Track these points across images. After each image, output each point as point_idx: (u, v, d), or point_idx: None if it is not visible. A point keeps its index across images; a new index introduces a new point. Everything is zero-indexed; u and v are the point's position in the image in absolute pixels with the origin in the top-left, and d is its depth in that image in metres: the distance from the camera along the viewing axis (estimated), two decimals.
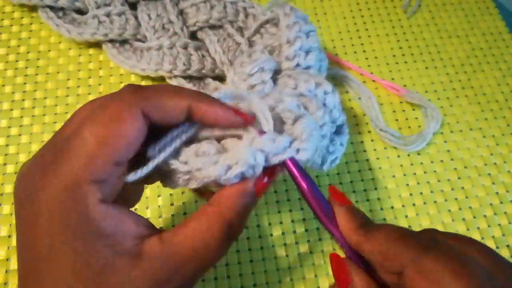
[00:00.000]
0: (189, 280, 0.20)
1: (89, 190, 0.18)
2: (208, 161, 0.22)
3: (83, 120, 0.20)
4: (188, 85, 0.36)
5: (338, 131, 0.32)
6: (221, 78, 0.38)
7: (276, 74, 0.33)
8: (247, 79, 0.31)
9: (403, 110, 0.38)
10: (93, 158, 0.18)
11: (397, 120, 0.38)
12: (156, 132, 0.22)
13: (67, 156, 0.19)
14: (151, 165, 0.21)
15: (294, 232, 0.33)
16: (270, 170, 0.23)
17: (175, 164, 0.22)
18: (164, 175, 0.23)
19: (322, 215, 0.23)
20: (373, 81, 0.40)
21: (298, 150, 0.23)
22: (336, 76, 0.39)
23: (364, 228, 0.21)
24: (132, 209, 0.22)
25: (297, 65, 0.33)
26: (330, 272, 0.31)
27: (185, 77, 0.37)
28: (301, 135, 0.24)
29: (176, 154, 0.22)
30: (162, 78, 0.38)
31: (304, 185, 0.23)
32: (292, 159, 0.23)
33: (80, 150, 0.19)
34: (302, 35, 0.33)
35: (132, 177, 0.21)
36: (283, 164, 0.23)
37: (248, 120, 0.23)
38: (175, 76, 0.37)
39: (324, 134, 0.28)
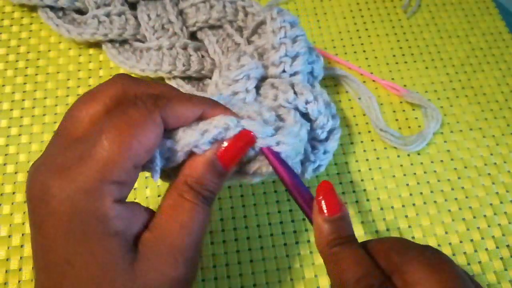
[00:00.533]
0: (187, 254, 0.21)
1: (106, 192, 0.19)
2: (188, 129, 0.22)
3: (100, 122, 0.20)
4: (187, 86, 0.36)
5: (328, 136, 0.32)
6: None
7: (261, 80, 0.33)
8: (231, 84, 0.31)
9: (403, 110, 0.38)
10: (114, 162, 0.19)
11: (397, 120, 0.38)
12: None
13: (85, 160, 0.19)
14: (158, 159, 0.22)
15: (294, 232, 0.33)
16: (235, 142, 0.23)
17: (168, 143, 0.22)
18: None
19: (305, 206, 0.24)
20: (373, 81, 0.40)
21: (278, 143, 0.24)
22: (336, 76, 0.39)
23: (333, 247, 0.22)
24: None
25: (283, 71, 0.32)
26: None
27: (184, 78, 0.37)
28: (281, 132, 0.25)
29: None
30: (161, 79, 0.38)
31: (285, 175, 0.24)
32: (273, 151, 0.24)
33: (100, 155, 0.19)
34: (287, 41, 0.32)
35: (157, 177, 0.22)
36: (263, 152, 0.24)
37: None
38: (174, 77, 0.37)
39: (298, 149, 0.28)
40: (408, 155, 0.36)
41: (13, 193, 0.33)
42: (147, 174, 0.24)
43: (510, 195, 0.35)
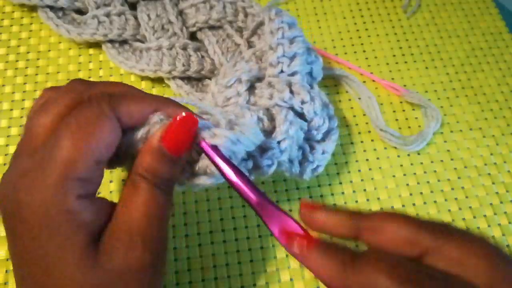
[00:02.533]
0: (147, 240, 0.21)
1: (69, 188, 0.20)
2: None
3: (56, 128, 0.20)
4: (186, 87, 0.36)
5: (325, 137, 0.32)
6: None
7: (259, 80, 0.33)
8: (224, 91, 0.31)
9: (403, 110, 0.38)
10: (74, 161, 0.20)
11: (397, 120, 0.38)
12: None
13: (46, 162, 0.20)
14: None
15: None
16: (176, 125, 0.22)
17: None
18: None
19: (253, 205, 0.22)
20: (373, 81, 0.40)
21: (213, 135, 0.23)
22: (336, 76, 0.39)
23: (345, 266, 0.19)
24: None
25: (281, 71, 0.32)
26: None
27: (183, 78, 0.37)
28: (236, 127, 0.24)
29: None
30: (161, 79, 0.38)
31: (224, 170, 0.22)
32: (212, 146, 0.23)
33: (60, 155, 0.20)
34: (284, 41, 0.32)
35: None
36: (200, 147, 0.23)
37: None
38: (174, 77, 0.37)
39: (284, 148, 0.28)
40: (408, 155, 0.36)
41: None
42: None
43: (510, 195, 0.35)
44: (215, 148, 0.23)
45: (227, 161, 0.23)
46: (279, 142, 0.28)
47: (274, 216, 0.22)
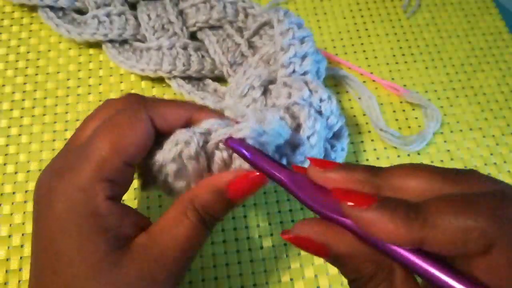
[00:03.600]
0: (174, 267, 0.21)
1: (100, 188, 0.21)
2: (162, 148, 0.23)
3: (95, 129, 0.22)
4: (188, 86, 0.36)
5: (337, 135, 0.32)
6: (220, 79, 0.38)
7: (271, 83, 0.33)
8: (240, 101, 0.32)
9: (403, 110, 0.38)
10: (106, 160, 0.21)
11: (397, 120, 0.38)
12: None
13: (81, 161, 0.21)
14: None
15: None
16: (249, 177, 0.22)
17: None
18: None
19: (291, 188, 0.20)
20: (373, 81, 0.40)
21: (239, 129, 0.22)
22: (336, 76, 0.39)
23: (412, 216, 0.16)
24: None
25: (293, 71, 0.32)
26: (331, 272, 0.31)
27: (184, 78, 0.37)
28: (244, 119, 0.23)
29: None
30: (161, 79, 0.38)
31: (256, 161, 0.21)
32: (236, 141, 0.22)
33: (94, 154, 0.21)
34: (295, 42, 0.33)
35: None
36: (226, 144, 0.22)
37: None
38: (174, 77, 0.37)
39: (314, 143, 0.28)
40: (408, 155, 0.36)
41: (13, 193, 0.33)
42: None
43: None
44: (242, 142, 0.22)
45: (258, 151, 0.21)
46: (308, 138, 0.28)
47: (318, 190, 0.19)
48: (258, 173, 0.22)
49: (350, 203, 0.17)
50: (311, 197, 0.19)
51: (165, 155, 0.23)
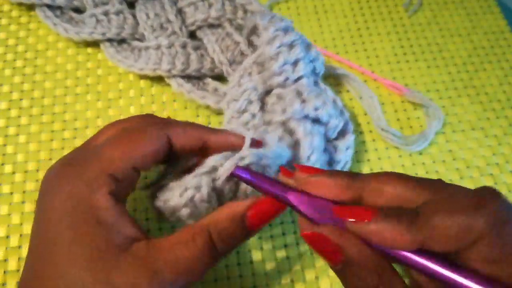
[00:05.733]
0: (166, 286, 0.20)
1: (103, 182, 0.21)
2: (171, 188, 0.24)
3: (112, 135, 0.24)
4: (187, 85, 0.36)
5: (342, 132, 0.32)
6: (220, 78, 0.38)
7: (268, 93, 0.33)
8: (239, 116, 0.32)
9: (405, 110, 0.38)
10: (114, 160, 0.22)
11: (398, 119, 0.37)
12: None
13: (91, 158, 0.22)
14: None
15: (295, 232, 0.32)
16: (269, 207, 0.22)
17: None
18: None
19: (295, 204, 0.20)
20: (375, 80, 0.39)
21: (242, 158, 0.23)
22: (337, 76, 0.39)
23: (414, 221, 0.17)
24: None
25: (287, 79, 0.32)
26: (331, 273, 0.31)
27: (183, 77, 0.37)
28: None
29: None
30: (161, 78, 0.38)
31: (264, 187, 0.22)
32: (242, 170, 0.23)
33: (104, 154, 0.22)
34: (283, 49, 0.32)
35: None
36: (235, 176, 0.23)
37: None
38: (174, 76, 0.36)
39: (316, 160, 0.28)
40: (410, 155, 0.36)
41: (11, 193, 0.33)
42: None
43: None
44: (246, 170, 0.23)
45: (261, 175, 0.22)
46: (308, 157, 0.28)
47: (320, 204, 0.20)
48: (279, 202, 0.21)
49: (351, 220, 0.18)
50: (315, 212, 0.20)
51: (176, 201, 0.23)
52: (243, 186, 0.24)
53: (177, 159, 0.26)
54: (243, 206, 0.22)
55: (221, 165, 0.23)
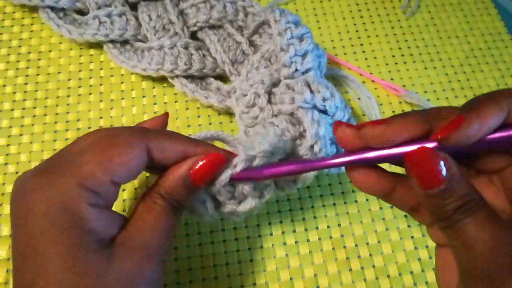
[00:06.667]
0: (157, 251, 0.23)
1: (82, 196, 0.21)
2: None
3: (90, 143, 0.23)
4: (191, 85, 0.36)
5: None
6: (222, 77, 0.38)
7: (275, 85, 0.33)
8: (249, 111, 0.32)
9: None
10: (91, 172, 0.21)
11: None
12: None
13: (65, 167, 0.21)
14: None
15: (294, 231, 0.33)
16: (209, 163, 0.24)
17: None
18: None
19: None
20: (373, 81, 0.40)
21: (235, 166, 0.25)
22: (336, 76, 0.39)
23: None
24: None
25: (296, 70, 0.32)
26: (330, 271, 0.31)
27: (186, 77, 0.37)
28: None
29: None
30: (162, 79, 0.38)
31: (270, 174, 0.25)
32: (244, 172, 0.25)
33: (79, 164, 0.21)
34: (294, 41, 0.33)
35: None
36: (233, 181, 0.25)
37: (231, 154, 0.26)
38: (177, 76, 0.37)
39: (319, 149, 0.28)
40: None
41: None
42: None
43: None
44: (244, 172, 0.25)
45: (256, 170, 0.25)
46: (312, 146, 0.28)
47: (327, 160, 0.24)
48: (215, 153, 0.24)
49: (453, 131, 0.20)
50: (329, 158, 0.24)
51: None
52: (240, 187, 0.26)
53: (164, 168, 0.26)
54: (186, 167, 0.24)
55: (218, 178, 0.25)
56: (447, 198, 0.19)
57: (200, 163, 0.24)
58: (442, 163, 0.19)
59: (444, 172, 0.19)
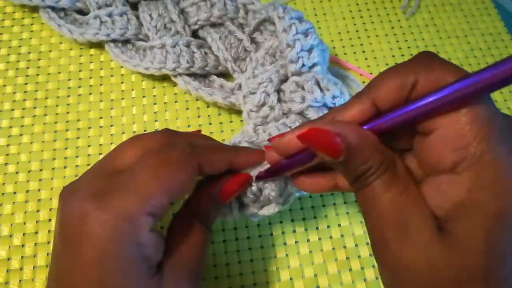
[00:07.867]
0: (199, 271, 0.24)
1: (144, 221, 0.21)
2: None
3: (139, 161, 0.22)
4: (194, 83, 0.36)
5: None
6: (224, 75, 0.38)
7: (283, 82, 0.33)
8: (259, 110, 0.33)
9: None
10: (152, 196, 0.21)
11: None
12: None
13: (125, 190, 0.21)
14: None
15: (294, 231, 0.33)
16: (235, 181, 0.26)
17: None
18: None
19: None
20: None
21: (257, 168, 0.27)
22: (336, 76, 0.39)
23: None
24: None
25: (303, 65, 0.33)
26: (330, 271, 0.31)
27: (189, 75, 0.37)
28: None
29: None
30: (162, 79, 0.38)
31: (289, 167, 0.25)
32: (264, 171, 0.27)
33: (139, 187, 0.21)
34: (300, 36, 0.33)
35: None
36: (258, 180, 0.27)
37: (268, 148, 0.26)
38: (180, 74, 0.37)
39: None
40: None
41: (14, 193, 0.33)
42: None
43: None
44: (266, 172, 0.26)
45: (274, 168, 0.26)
46: None
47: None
48: (242, 175, 0.26)
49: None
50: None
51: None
52: (266, 192, 0.27)
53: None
54: (218, 188, 0.26)
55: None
56: (351, 165, 0.20)
57: (228, 183, 0.26)
58: (337, 138, 0.20)
59: (339, 143, 0.20)
